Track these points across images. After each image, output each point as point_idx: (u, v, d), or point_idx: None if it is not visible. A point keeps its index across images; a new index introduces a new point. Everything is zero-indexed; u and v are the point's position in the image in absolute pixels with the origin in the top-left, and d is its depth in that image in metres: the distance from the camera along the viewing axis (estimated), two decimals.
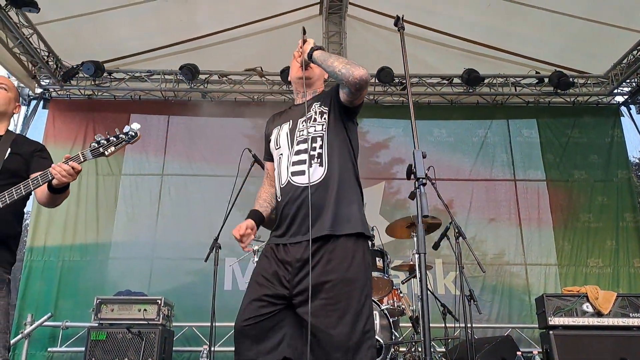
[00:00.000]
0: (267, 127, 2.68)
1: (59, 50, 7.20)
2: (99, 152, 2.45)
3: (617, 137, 7.84)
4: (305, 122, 2.43)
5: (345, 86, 2.31)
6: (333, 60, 2.33)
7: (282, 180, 2.39)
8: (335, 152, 2.36)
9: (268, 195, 2.59)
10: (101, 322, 5.44)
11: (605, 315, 5.11)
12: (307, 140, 2.37)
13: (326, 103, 2.46)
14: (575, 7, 6.46)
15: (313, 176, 2.29)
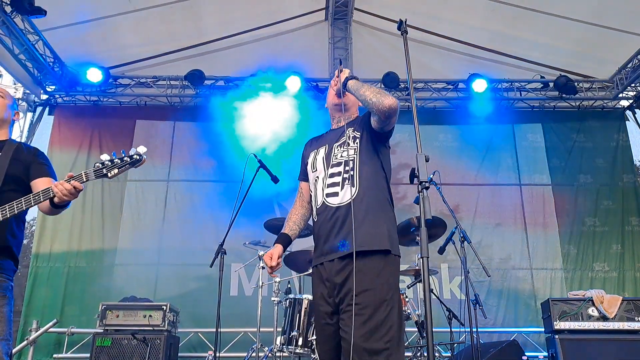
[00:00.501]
0: (304, 150, 2.89)
1: (65, 57, 7.23)
2: (102, 173, 2.49)
3: (623, 141, 7.82)
4: (340, 147, 2.63)
5: (376, 114, 2.46)
6: (365, 90, 2.49)
7: (317, 201, 2.59)
8: (366, 174, 2.52)
9: (298, 217, 2.81)
10: (106, 328, 5.43)
11: (611, 320, 5.10)
12: (341, 163, 2.57)
13: (359, 128, 2.63)
14: (580, 12, 6.47)
15: (345, 196, 2.48)
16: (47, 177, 2.74)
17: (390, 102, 2.39)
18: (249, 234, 5.60)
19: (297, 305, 4.42)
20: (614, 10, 6.37)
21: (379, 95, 2.42)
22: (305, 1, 7.10)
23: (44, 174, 2.72)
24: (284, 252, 2.68)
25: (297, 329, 4.28)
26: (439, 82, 7.78)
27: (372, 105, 2.43)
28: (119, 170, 2.51)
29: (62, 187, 2.44)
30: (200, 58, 7.47)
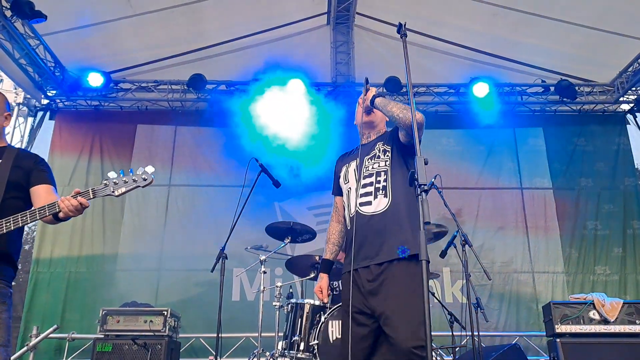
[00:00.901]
0: (336, 165, 3.09)
1: (66, 61, 7.24)
2: (109, 191, 2.48)
3: (624, 144, 7.83)
4: (370, 160, 2.81)
5: (403, 128, 2.63)
6: (392, 106, 2.66)
7: (351, 210, 2.75)
8: (397, 184, 2.68)
9: (336, 236, 3.01)
10: (107, 333, 5.42)
11: (612, 323, 5.10)
12: (373, 174, 2.74)
13: (388, 142, 2.81)
14: (581, 16, 6.48)
15: (379, 206, 2.65)
16: (47, 185, 2.73)
17: (417, 118, 2.47)
18: (251, 239, 5.59)
19: (298, 310, 4.41)
20: (615, 14, 6.38)
21: (406, 111, 2.58)
22: (306, 5, 7.11)
23: (44, 181, 2.71)
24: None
25: (298, 334, 4.27)
26: (440, 86, 7.80)
27: (400, 120, 2.60)
28: (127, 190, 2.50)
29: (69, 202, 2.42)
30: (202, 62, 7.47)
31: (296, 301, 4.51)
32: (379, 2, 7.04)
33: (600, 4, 6.33)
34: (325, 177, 7.30)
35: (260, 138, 7.50)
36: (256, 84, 7.61)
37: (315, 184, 7.41)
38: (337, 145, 7.08)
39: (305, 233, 4.94)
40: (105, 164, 7.47)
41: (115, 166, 7.46)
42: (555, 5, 6.46)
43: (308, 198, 7.41)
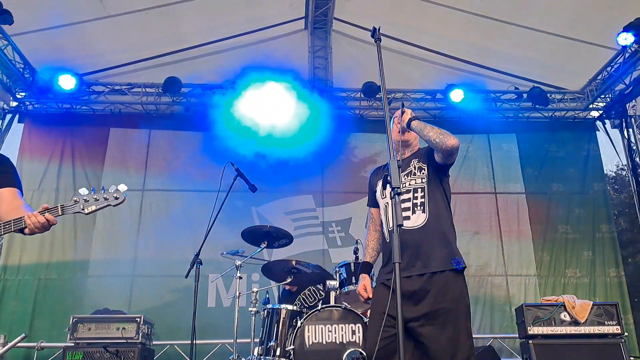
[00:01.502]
0: (371, 179, 3.22)
1: (36, 62, 7.06)
2: (79, 208, 2.39)
3: (593, 150, 8.02)
4: (407, 176, 2.94)
5: (439, 151, 2.77)
6: (429, 130, 2.79)
7: (389, 224, 2.84)
8: (434, 201, 2.83)
9: (375, 243, 3.13)
10: (77, 341, 5.31)
11: (582, 324, 5.20)
12: (410, 190, 2.88)
13: (424, 160, 2.94)
14: (553, 25, 6.64)
15: (417, 221, 2.79)
16: (12, 188, 2.61)
17: (452, 142, 2.71)
18: (227, 244, 5.53)
19: (275, 315, 4.40)
20: (585, 23, 6.55)
21: (442, 136, 2.73)
22: (285, 10, 7.11)
23: (8, 184, 2.60)
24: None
25: (275, 339, 4.24)
26: (417, 92, 7.87)
27: (436, 144, 2.74)
28: (97, 208, 2.41)
29: (35, 219, 2.32)
30: (178, 65, 7.39)
31: (272, 306, 4.49)
32: (356, 8, 7.08)
33: (571, 14, 6.47)
34: (303, 182, 7.38)
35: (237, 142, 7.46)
36: (233, 88, 7.58)
37: (293, 189, 7.41)
38: (314, 150, 7.10)
39: (282, 237, 4.91)
40: (76, 168, 7.31)
41: (87, 170, 7.31)
42: (527, 14, 6.59)
43: (285, 203, 7.39)
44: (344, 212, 7.43)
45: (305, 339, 4.03)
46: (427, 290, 2.63)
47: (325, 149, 7.22)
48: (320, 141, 7.09)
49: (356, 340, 4.02)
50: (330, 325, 4.07)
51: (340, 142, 7.66)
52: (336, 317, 4.12)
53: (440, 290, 2.62)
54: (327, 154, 7.35)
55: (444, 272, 2.66)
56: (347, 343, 4.01)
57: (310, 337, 4.04)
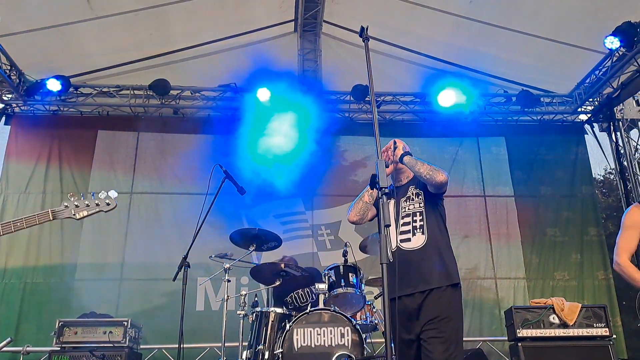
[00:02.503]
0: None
1: (23, 64, 7.00)
2: (70, 214, 2.44)
3: (581, 154, 8.08)
4: (405, 202, 3.21)
5: (430, 186, 3.07)
6: (419, 167, 3.07)
7: (392, 245, 3.12)
8: (431, 223, 3.10)
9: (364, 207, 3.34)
10: (64, 345, 5.26)
11: (571, 326, 5.23)
12: (410, 214, 3.14)
13: (420, 187, 3.19)
14: (542, 29, 6.68)
15: (417, 242, 3.05)
16: None
17: (441, 179, 2.99)
18: (215, 247, 5.50)
19: (263, 319, 4.36)
20: (573, 27, 6.59)
21: (432, 173, 3.01)
22: (274, 12, 7.09)
23: None
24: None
25: (263, 343, 4.21)
26: (406, 95, 7.88)
27: (426, 180, 3.04)
28: (89, 214, 2.48)
29: None
30: (166, 67, 7.36)
31: (261, 309, 4.45)
32: (345, 11, 7.09)
33: (559, 17, 6.52)
34: (292, 185, 7.35)
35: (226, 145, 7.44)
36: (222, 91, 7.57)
37: (282, 192, 7.38)
38: (304, 153, 7.09)
39: (270, 240, 4.89)
40: (64, 171, 7.24)
41: (74, 173, 7.24)
42: (516, 18, 6.63)
43: (275, 206, 7.36)
44: (334, 215, 7.41)
45: (294, 342, 4.00)
46: (428, 303, 2.92)
47: (315, 152, 7.21)
48: (310, 144, 7.08)
49: (345, 343, 4.00)
50: (319, 329, 4.04)
51: (330, 145, 7.66)
52: (325, 320, 4.09)
53: (439, 303, 2.90)
54: (317, 157, 7.34)
55: (441, 288, 2.93)
56: (335, 346, 3.98)
57: (299, 340, 4.01)
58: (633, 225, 3.37)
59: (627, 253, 3.34)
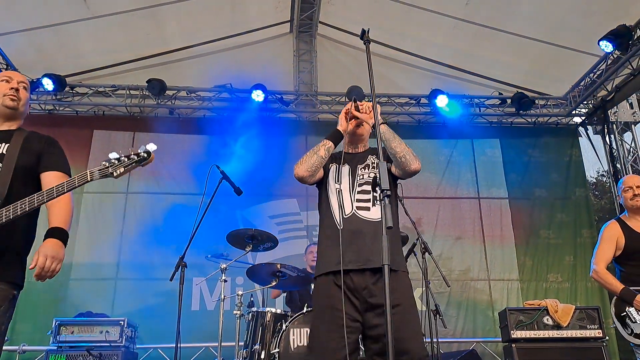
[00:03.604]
0: None
1: (18, 63, 6.97)
2: (108, 172, 2.30)
3: (575, 156, 8.12)
4: (364, 169, 2.85)
5: (399, 169, 2.73)
6: (397, 144, 2.68)
7: (345, 211, 2.71)
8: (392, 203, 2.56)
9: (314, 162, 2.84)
10: (60, 344, 5.23)
11: (565, 328, 5.24)
12: (370, 183, 2.71)
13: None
14: (537, 31, 6.73)
15: (377, 214, 2.62)
16: (58, 172, 2.53)
17: (415, 167, 2.67)
18: (211, 247, 5.51)
19: (259, 319, 4.38)
20: (568, 30, 6.64)
21: (408, 157, 2.66)
22: (270, 13, 7.12)
23: (54, 167, 2.53)
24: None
25: (259, 343, 4.23)
26: (402, 97, 7.92)
27: (399, 162, 2.68)
28: (125, 169, 2.30)
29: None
30: (162, 68, 7.36)
31: (257, 309, 4.47)
32: (341, 12, 7.12)
33: (554, 20, 6.57)
34: (287, 186, 7.37)
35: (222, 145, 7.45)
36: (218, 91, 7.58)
37: (278, 193, 7.40)
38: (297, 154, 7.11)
39: (266, 241, 4.90)
40: None
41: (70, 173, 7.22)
42: (512, 20, 6.68)
43: (270, 206, 7.38)
44: None
45: (290, 342, 4.02)
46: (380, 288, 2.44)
47: None
48: (303, 145, 7.11)
49: None
50: None
51: None
52: None
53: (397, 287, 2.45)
54: None
55: (397, 272, 2.55)
56: None
57: (295, 340, 4.03)
58: (610, 239, 3.79)
59: (604, 262, 3.75)
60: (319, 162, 2.79)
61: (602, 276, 3.73)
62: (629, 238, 3.76)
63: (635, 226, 3.80)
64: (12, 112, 2.61)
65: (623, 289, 3.65)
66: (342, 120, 2.88)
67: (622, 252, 3.78)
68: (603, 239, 3.85)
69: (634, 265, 3.74)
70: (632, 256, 3.75)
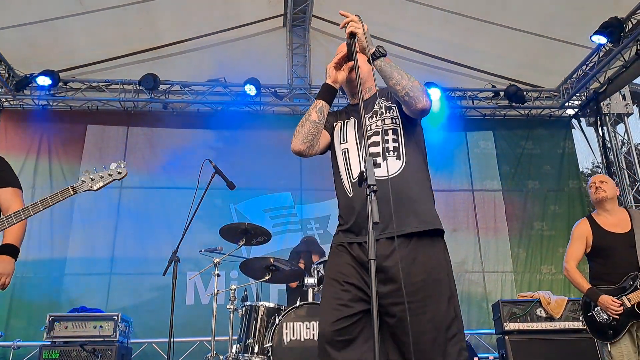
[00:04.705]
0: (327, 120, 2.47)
1: (12, 59, 6.97)
2: (87, 187, 2.61)
3: (569, 148, 8.15)
4: (371, 118, 2.35)
5: (406, 109, 2.25)
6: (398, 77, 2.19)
7: (352, 174, 2.25)
8: (411, 146, 2.27)
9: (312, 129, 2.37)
10: (54, 340, 5.24)
11: (557, 320, 5.30)
12: (379, 132, 2.27)
13: (392, 100, 2.35)
14: (529, 24, 6.73)
15: (391, 169, 2.14)
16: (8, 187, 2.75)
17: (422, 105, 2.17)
18: (205, 241, 5.53)
19: (253, 313, 4.40)
20: (560, 22, 6.64)
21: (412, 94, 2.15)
22: (263, 7, 7.10)
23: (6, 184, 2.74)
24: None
25: (253, 337, 4.26)
26: None
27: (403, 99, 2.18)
28: (104, 184, 2.65)
29: None
30: (155, 62, 7.35)
31: (251, 304, 4.50)
32: (335, 5, 7.09)
33: (546, 12, 6.57)
34: (281, 179, 7.38)
35: (216, 139, 7.45)
36: (211, 85, 7.57)
37: (272, 186, 7.41)
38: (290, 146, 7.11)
39: (260, 235, 4.91)
40: (53, 165, 7.22)
41: (64, 167, 7.22)
42: (504, 13, 6.67)
43: (264, 200, 7.39)
44: (323, 209, 7.45)
45: (283, 336, 4.04)
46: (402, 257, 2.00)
47: None
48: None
49: None
50: (309, 322, 4.09)
51: None
52: (314, 314, 4.13)
53: (417, 257, 2.04)
54: None
55: (422, 235, 2.08)
56: None
57: (289, 334, 4.06)
58: (580, 237, 3.87)
59: (575, 261, 3.85)
60: (314, 128, 2.31)
61: (571, 275, 3.83)
62: (597, 235, 3.81)
63: (604, 223, 3.84)
64: None
65: (589, 289, 3.72)
66: (330, 70, 2.39)
67: (591, 250, 3.83)
68: (573, 237, 3.93)
69: (602, 264, 3.79)
70: (600, 253, 3.80)
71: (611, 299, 3.58)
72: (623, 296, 3.58)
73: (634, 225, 3.73)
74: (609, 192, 3.87)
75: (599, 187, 3.92)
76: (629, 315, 3.55)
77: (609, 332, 3.60)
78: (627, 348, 3.53)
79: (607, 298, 3.59)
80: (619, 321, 3.57)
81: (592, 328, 3.74)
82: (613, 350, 3.56)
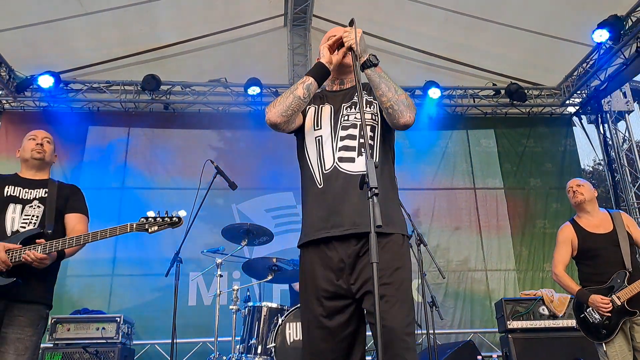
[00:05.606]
0: None
1: (12, 60, 6.96)
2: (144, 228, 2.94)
3: (570, 146, 8.14)
4: (349, 108, 2.29)
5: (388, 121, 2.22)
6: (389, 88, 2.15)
7: (325, 165, 2.19)
8: (385, 146, 2.26)
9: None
10: (56, 342, 5.23)
11: (560, 317, 5.30)
12: (356, 126, 2.22)
13: (374, 95, 2.25)
14: (530, 22, 6.73)
15: (363, 166, 2.01)
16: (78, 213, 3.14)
17: (404, 121, 2.15)
18: (207, 242, 5.53)
19: (256, 313, 4.40)
20: (561, 20, 6.65)
21: (397, 107, 2.13)
22: (264, 7, 7.09)
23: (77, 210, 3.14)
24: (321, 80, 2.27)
25: (256, 337, 4.25)
26: None
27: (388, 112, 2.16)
28: (159, 229, 2.93)
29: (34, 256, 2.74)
30: (156, 63, 7.34)
31: (253, 304, 4.49)
32: (335, 5, 7.11)
33: (547, 10, 6.56)
34: (283, 179, 7.37)
35: (217, 140, 7.45)
36: (212, 86, 7.57)
37: (273, 186, 7.41)
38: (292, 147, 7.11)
39: (262, 235, 4.91)
40: (54, 166, 7.19)
41: (65, 169, 7.22)
42: (504, 11, 6.68)
43: (266, 200, 7.38)
44: None
45: (286, 337, 4.04)
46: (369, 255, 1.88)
47: None
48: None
49: None
50: None
51: None
52: None
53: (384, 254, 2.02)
54: None
55: (389, 235, 2.08)
56: None
57: (292, 335, 4.06)
58: (565, 241, 3.89)
59: (563, 265, 3.86)
60: (297, 104, 2.19)
61: (560, 279, 3.83)
62: (582, 238, 3.82)
63: (586, 225, 3.85)
64: (40, 163, 3.22)
65: (578, 290, 3.73)
66: (324, 50, 2.26)
67: (578, 253, 3.85)
68: (558, 242, 3.94)
69: (590, 265, 3.80)
70: (586, 255, 3.81)
71: (600, 298, 3.60)
72: (612, 294, 3.60)
73: (615, 224, 3.77)
74: (586, 195, 3.89)
75: (576, 190, 3.94)
76: (620, 313, 3.57)
77: (603, 332, 3.62)
78: (621, 346, 3.55)
79: (596, 297, 3.61)
80: (611, 320, 3.59)
81: (585, 329, 3.75)
82: (608, 349, 3.58)
